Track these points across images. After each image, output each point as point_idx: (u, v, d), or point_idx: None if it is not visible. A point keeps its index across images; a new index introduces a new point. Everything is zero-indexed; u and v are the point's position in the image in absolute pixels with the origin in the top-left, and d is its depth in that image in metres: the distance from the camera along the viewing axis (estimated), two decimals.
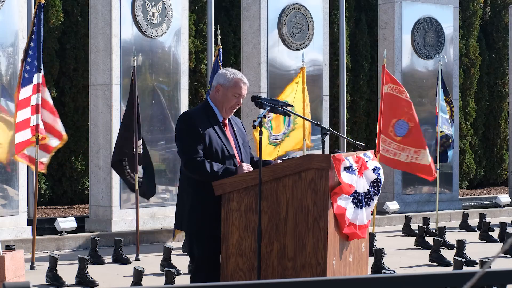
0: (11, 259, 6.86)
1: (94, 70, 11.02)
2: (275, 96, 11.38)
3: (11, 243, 9.19)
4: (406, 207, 13.52)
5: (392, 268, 8.63)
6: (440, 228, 10.58)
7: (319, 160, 5.00)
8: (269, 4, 12.22)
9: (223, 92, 5.32)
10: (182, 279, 8.09)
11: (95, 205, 11.01)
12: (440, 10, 14.19)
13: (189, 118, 5.29)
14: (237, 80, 5.33)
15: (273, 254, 5.06)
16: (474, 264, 8.85)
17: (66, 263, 8.80)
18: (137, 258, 9.35)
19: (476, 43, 17.98)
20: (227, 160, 5.26)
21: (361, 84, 16.29)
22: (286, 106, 5.45)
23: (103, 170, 10.91)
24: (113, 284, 8.00)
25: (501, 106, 18.48)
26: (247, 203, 5.10)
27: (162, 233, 10.80)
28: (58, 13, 13.22)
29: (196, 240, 5.24)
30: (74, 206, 13.48)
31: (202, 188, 5.19)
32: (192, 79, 13.97)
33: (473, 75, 17.81)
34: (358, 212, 5.25)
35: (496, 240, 10.91)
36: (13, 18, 10.03)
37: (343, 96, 14.29)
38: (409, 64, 13.90)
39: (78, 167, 13.42)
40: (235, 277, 5.13)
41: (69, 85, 13.43)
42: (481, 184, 18.61)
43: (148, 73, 11.29)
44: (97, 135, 10.99)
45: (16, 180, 10.00)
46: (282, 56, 12.41)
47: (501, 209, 14.10)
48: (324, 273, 4.93)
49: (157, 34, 11.25)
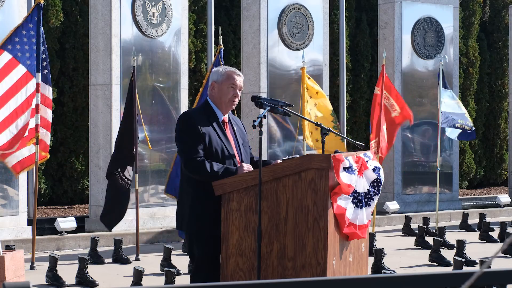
0: (11, 259, 6.86)
1: (94, 70, 11.02)
2: (276, 96, 11.40)
3: (11, 243, 9.19)
4: (406, 207, 13.52)
5: (392, 268, 8.63)
6: (440, 228, 10.58)
7: (319, 160, 5.00)
8: (269, 4, 12.22)
9: (218, 87, 5.35)
10: (182, 279, 8.09)
11: (95, 205, 11.01)
12: (440, 10, 14.19)
13: (189, 118, 5.29)
14: (229, 72, 5.38)
15: (273, 254, 5.06)
16: (474, 264, 8.85)
17: (66, 263, 8.80)
18: (137, 258, 9.35)
19: (476, 43, 17.98)
20: (227, 160, 5.26)
21: (361, 84, 16.30)
22: (286, 106, 5.45)
23: (103, 170, 10.90)
24: (113, 284, 8.00)
25: (501, 106, 18.48)
26: (247, 203, 5.10)
27: (162, 233, 10.81)
28: (58, 13, 13.22)
29: (196, 240, 5.24)
30: (74, 206, 13.48)
31: (202, 188, 5.19)
32: (192, 79, 13.98)
33: (472, 75, 17.81)
34: (358, 212, 5.25)
35: (496, 240, 10.91)
36: (13, 18, 10.03)
37: (343, 96, 14.29)
38: (409, 64, 13.90)
39: (78, 167, 13.42)
40: (235, 277, 5.12)
41: (69, 85, 13.43)
42: (481, 184, 18.61)
43: (148, 73, 11.30)
44: (97, 135, 10.99)
45: (16, 180, 10.00)
46: (282, 56, 12.41)
47: (501, 209, 14.10)
48: (324, 273, 4.93)
49: (157, 34, 11.25)
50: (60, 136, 13.29)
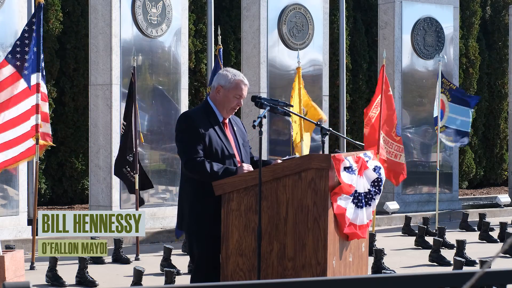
0: (11, 259, 6.86)
1: (94, 70, 11.03)
2: (276, 96, 11.39)
3: (11, 243, 9.19)
4: (406, 207, 13.52)
5: (392, 268, 8.63)
6: (440, 228, 10.58)
7: (319, 160, 5.00)
8: (269, 4, 12.22)
9: (224, 93, 5.32)
10: (182, 279, 8.09)
11: (95, 205, 11.01)
12: (440, 10, 14.19)
13: (188, 118, 5.29)
14: (238, 81, 5.32)
15: (273, 254, 5.06)
16: (474, 264, 8.85)
17: (66, 263, 8.79)
18: (137, 258, 9.35)
19: (476, 43, 17.98)
20: (227, 160, 5.26)
21: (360, 84, 16.30)
22: (286, 106, 5.45)
23: (103, 170, 10.91)
24: (113, 284, 8.00)
25: (501, 106, 18.48)
26: (247, 203, 5.10)
27: (162, 233, 10.81)
28: (58, 12, 13.22)
29: (196, 240, 5.24)
30: (74, 206, 13.48)
31: (202, 188, 5.19)
32: (192, 79, 13.98)
33: (472, 75, 17.81)
34: (358, 212, 5.25)
35: (496, 240, 10.91)
36: (13, 18, 10.03)
37: (343, 96, 14.28)
38: (409, 64, 13.90)
39: (78, 167, 13.42)
40: (235, 277, 5.13)
41: (69, 85, 13.43)
42: (481, 184, 18.61)
43: (148, 73, 11.30)
44: (97, 135, 10.99)
45: (16, 180, 10.00)
46: (282, 56, 12.41)
47: (501, 209, 14.10)
48: (324, 273, 4.93)
49: (157, 34, 11.25)
50: (60, 136, 13.28)
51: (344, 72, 14.32)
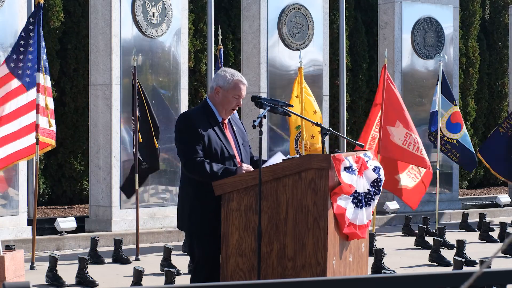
0: (11, 259, 6.86)
1: (94, 70, 11.03)
2: (276, 96, 11.39)
3: (11, 243, 9.19)
4: (406, 207, 13.49)
5: (392, 268, 8.64)
6: (440, 228, 10.58)
7: (319, 160, 5.00)
8: (269, 4, 12.22)
9: (223, 94, 5.31)
10: (182, 279, 8.09)
11: (95, 205, 11.01)
12: (440, 10, 14.18)
13: (188, 119, 5.29)
14: (236, 81, 5.31)
15: (273, 254, 5.06)
16: (474, 264, 8.85)
17: (66, 263, 8.80)
18: (137, 258, 9.35)
19: (476, 43, 17.98)
20: (227, 160, 5.26)
21: (360, 84, 16.29)
22: (286, 106, 5.45)
23: (103, 170, 10.91)
24: (113, 284, 8.00)
25: (501, 106, 18.48)
26: (247, 203, 5.10)
27: (162, 233, 10.80)
28: (59, 13, 13.22)
29: (196, 240, 5.24)
30: (74, 206, 13.48)
31: (202, 188, 5.19)
32: (192, 79, 13.97)
33: (472, 75, 17.81)
34: (358, 212, 5.25)
35: (496, 240, 10.91)
36: (13, 18, 10.03)
37: (343, 96, 14.28)
38: (409, 64, 13.90)
39: (78, 167, 13.42)
40: (235, 277, 5.13)
41: (70, 85, 13.43)
42: (481, 184, 18.60)
43: (148, 73, 11.30)
44: (97, 135, 11.00)
45: (16, 180, 10.00)
46: (282, 56, 12.41)
47: (501, 209, 14.10)
48: (324, 273, 4.94)
49: (157, 34, 11.26)
50: (60, 136, 13.27)
51: (344, 72, 14.32)
